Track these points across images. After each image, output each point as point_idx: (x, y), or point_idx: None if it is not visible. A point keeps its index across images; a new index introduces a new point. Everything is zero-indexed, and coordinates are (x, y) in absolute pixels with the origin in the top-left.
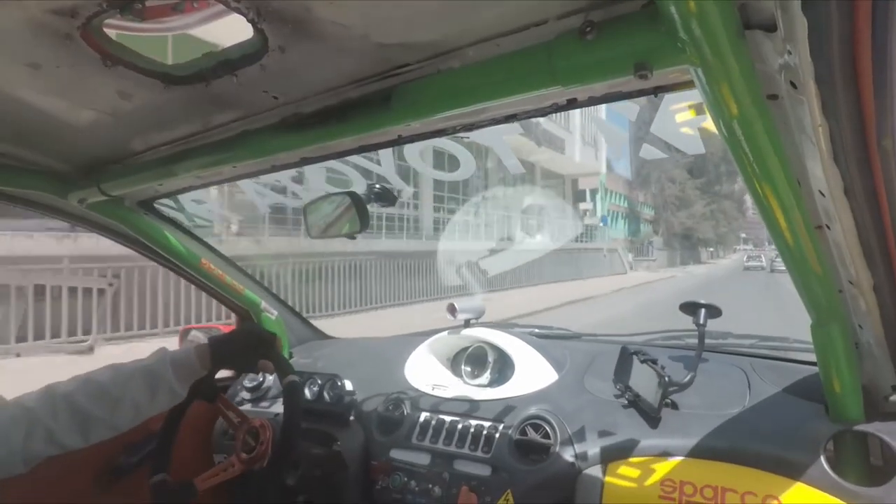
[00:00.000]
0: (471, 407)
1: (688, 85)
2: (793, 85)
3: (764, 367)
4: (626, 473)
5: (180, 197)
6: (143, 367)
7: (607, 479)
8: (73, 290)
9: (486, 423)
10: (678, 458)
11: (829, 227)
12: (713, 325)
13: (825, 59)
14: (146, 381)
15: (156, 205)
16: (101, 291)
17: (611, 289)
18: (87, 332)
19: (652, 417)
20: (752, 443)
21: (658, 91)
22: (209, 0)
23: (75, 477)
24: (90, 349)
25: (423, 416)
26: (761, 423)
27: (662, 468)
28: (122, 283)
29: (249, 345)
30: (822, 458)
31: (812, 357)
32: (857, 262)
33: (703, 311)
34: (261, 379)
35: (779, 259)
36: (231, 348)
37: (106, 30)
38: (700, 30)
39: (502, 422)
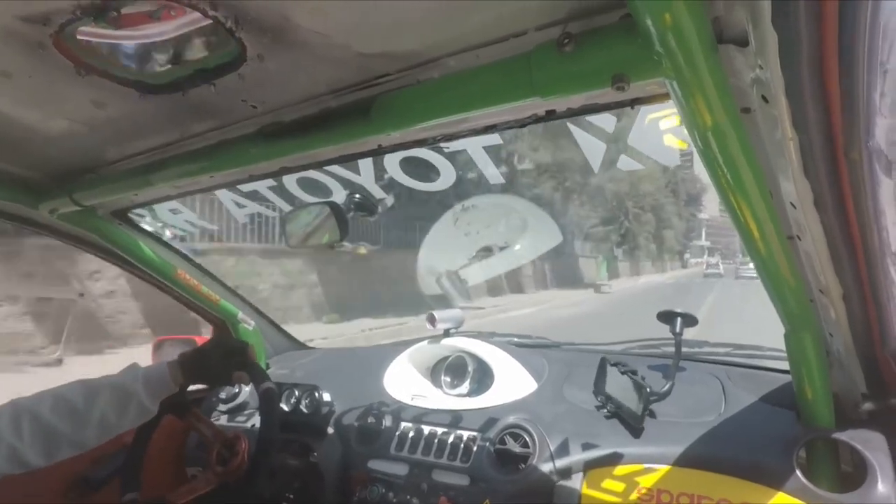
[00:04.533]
0: (450, 417)
1: (664, 97)
2: (764, 99)
3: (738, 375)
4: (603, 483)
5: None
6: (113, 382)
7: (585, 488)
8: (40, 300)
9: (465, 433)
10: (655, 467)
11: (800, 238)
12: (689, 333)
13: (795, 73)
14: (116, 396)
15: (131, 215)
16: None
17: None
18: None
19: (634, 427)
20: (727, 451)
21: (635, 103)
22: (186, 8)
23: (39, 495)
24: (59, 361)
25: (402, 426)
26: (736, 431)
27: (639, 477)
28: None
29: (222, 357)
30: (795, 465)
31: (785, 365)
32: (827, 272)
33: (679, 319)
34: (236, 391)
35: (742, 267)
36: (203, 362)
37: (79, 38)
38: (675, 42)
39: (481, 431)
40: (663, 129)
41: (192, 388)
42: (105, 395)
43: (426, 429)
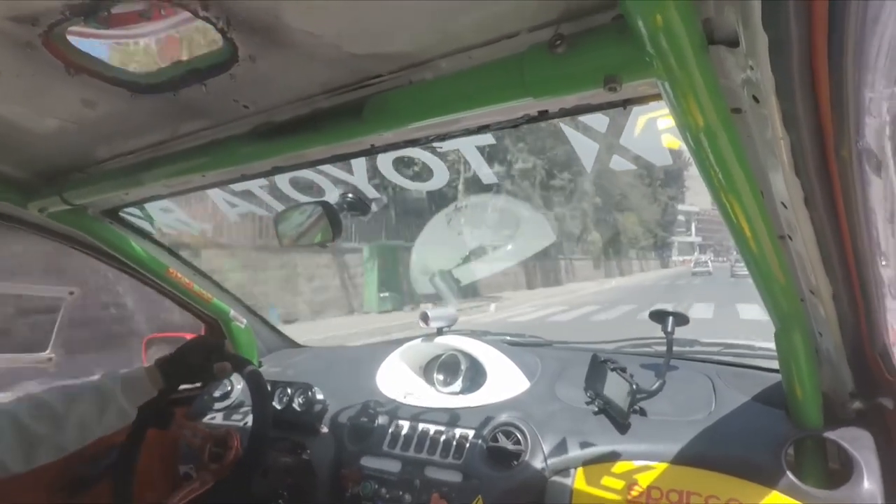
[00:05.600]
0: (443, 415)
1: (656, 98)
2: (755, 99)
3: (729, 373)
4: (594, 479)
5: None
6: (92, 386)
7: (576, 484)
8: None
9: (458, 431)
10: (646, 464)
11: (791, 238)
12: (681, 332)
13: (785, 73)
14: (94, 400)
15: (121, 214)
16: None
17: None
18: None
19: (621, 424)
20: (717, 448)
21: (627, 104)
22: (177, 7)
23: (30, 494)
24: (49, 361)
25: (395, 423)
26: (726, 428)
27: (630, 474)
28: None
29: (199, 355)
30: (783, 463)
31: (775, 364)
32: (818, 272)
33: (671, 319)
34: (228, 388)
35: (738, 265)
36: (181, 363)
37: (69, 38)
38: (666, 43)
39: (474, 429)
40: (661, 128)
41: (183, 387)
42: (84, 399)
43: (419, 426)
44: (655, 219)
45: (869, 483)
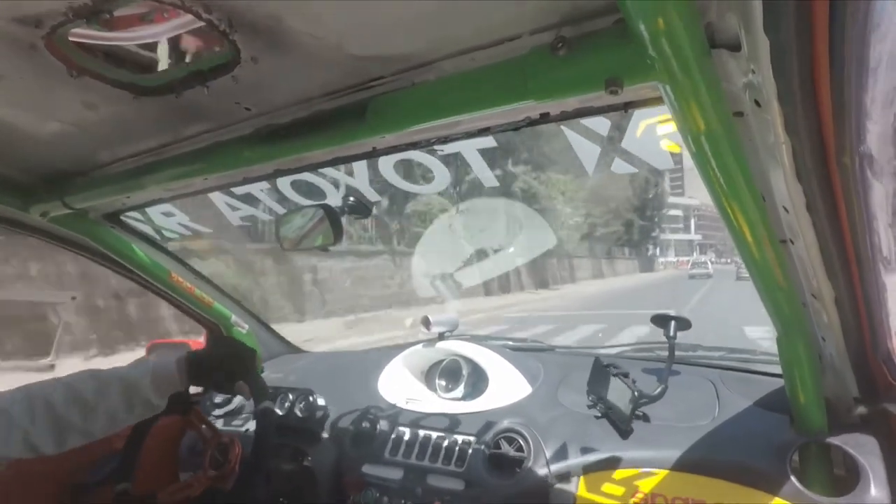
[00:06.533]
0: (445, 421)
1: (657, 101)
2: (757, 103)
3: (732, 378)
4: (598, 486)
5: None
6: (123, 376)
7: (580, 492)
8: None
9: (460, 437)
10: (650, 471)
11: (792, 242)
12: (683, 337)
13: (787, 78)
14: (124, 390)
15: (123, 217)
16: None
17: None
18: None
19: (623, 430)
20: (721, 455)
21: (628, 107)
22: (179, 10)
23: (40, 486)
24: (51, 367)
25: (397, 430)
26: (729, 434)
27: (634, 481)
28: None
29: (229, 365)
30: (789, 469)
31: (778, 369)
32: (820, 276)
33: (672, 323)
34: (229, 395)
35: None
36: (209, 366)
37: (72, 40)
38: (668, 47)
39: (476, 435)
40: (661, 134)
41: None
42: (114, 388)
43: (421, 433)
44: (625, 196)
45: (876, 490)
